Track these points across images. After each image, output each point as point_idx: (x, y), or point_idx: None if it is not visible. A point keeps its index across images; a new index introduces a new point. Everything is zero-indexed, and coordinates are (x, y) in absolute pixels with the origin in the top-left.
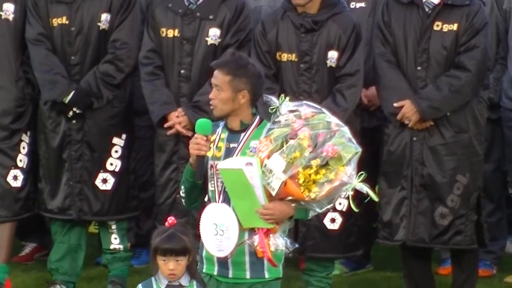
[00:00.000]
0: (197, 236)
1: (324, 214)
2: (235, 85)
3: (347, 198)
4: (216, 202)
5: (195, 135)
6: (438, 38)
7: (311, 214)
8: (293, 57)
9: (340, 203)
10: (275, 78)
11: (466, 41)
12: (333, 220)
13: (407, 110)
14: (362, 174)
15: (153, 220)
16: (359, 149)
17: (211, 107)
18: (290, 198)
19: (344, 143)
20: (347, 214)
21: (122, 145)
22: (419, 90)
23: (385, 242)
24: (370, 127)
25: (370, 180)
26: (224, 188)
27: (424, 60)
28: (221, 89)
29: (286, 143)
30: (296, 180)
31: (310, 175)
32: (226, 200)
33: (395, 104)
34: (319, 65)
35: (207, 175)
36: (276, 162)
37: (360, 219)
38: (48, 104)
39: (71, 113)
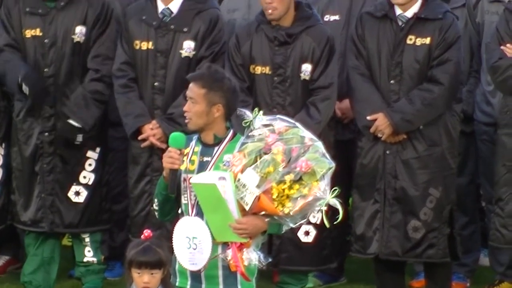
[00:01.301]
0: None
1: (298, 227)
2: (210, 98)
3: (321, 213)
4: (189, 215)
5: (169, 149)
6: (411, 51)
7: (285, 228)
8: (267, 70)
9: (314, 216)
10: (249, 91)
11: (439, 54)
12: (307, 233)
13: (380, 123)
14: (335, 189)
15: (127, 232)
16: (333, 164)
17: (186, 120)
18: (263, 212)
19: (318, 158)
20: (321, 227)
21: (96, 158)
22: (392, 103)
23: (358, 255)
24: (344, 139)
25: (343, 193)
26: (197, 201)
27: (397, 74)
28: (195, 102)
29: (260, 157)
30: (270, 195)
31: (283, 190)
32: (199, 213)
33: (368, 117)
34: (293, 78)
35: (180, 188)
36: (250, 176)
37: (333, 231)
38: (20, 116)
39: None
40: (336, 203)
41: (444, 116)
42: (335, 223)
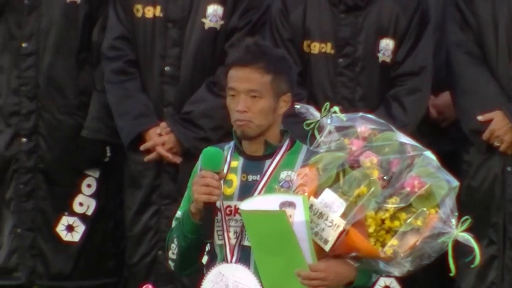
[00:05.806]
0: None
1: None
2: (277, 87)
3: (445, 254)
4: (227, 262)
5: (201, 173)
6: None
7: (374, 278)
8: (328, 48)
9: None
10: (302, 78)
11: None
12: None
13: (498, 126)
14: (467, 219)
15: None
16: (457, 183)
17: (240, 123)
18: (353, 254)
19: (433, 174)
20: (406, 281)
21: (97, 176)
22: None
23: None
24: (441, 152)
25: None
26: (240, 241)
27: None
28: (260, 96)
29: (344, 174)
30: (364, 229)
31: (383, 221)
32: (243, 258)
33: (479, 118)
34: (366, 60)
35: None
36: (330, 201)
37: (426, 287)
38: None
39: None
40: (469, 239)
41: None
42: (472, 266)
